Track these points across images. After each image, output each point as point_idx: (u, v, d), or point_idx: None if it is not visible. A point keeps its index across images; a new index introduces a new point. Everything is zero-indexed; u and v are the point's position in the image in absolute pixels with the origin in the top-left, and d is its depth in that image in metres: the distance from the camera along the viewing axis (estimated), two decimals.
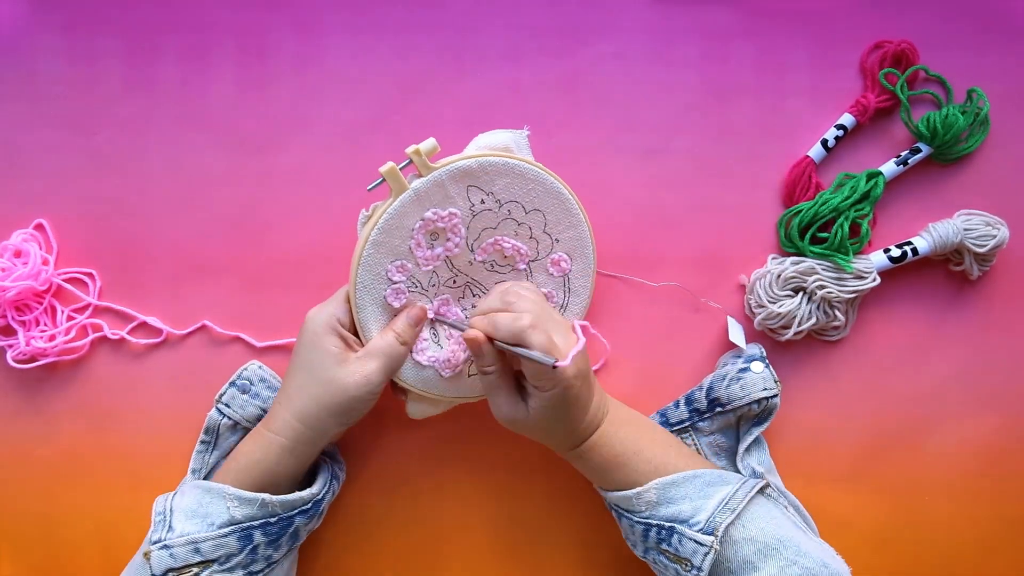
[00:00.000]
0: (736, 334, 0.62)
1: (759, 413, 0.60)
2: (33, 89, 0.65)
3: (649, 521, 0.53)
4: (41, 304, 0.63)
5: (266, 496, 0.52)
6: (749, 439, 0.60)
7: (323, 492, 0.56)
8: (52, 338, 0.63)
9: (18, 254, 0.63)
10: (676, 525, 0.51)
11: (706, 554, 0.50)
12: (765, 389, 0.59)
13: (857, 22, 0.66)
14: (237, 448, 0.56)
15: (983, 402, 0.65)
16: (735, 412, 0.60)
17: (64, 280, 0.64)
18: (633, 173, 0.65)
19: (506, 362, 0.54)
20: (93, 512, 0.63)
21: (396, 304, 0.56)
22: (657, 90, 0.66)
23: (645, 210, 0.65)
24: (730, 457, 0.61)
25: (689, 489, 0.53)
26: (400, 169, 0.54)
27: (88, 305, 0.64)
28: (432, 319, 0.58)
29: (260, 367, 0.62)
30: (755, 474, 0.59)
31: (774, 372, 0.60)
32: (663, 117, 0.66)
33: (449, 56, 0.66)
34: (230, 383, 0.61)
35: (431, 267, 0.57)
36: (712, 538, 0.50)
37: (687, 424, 0.62)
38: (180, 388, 0.64)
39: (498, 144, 0.57)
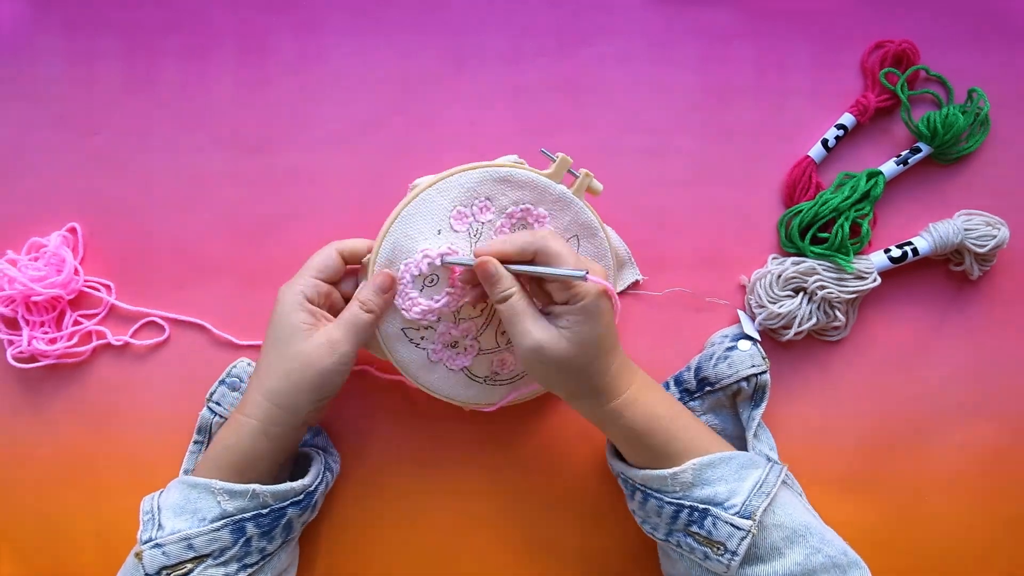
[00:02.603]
0: (749, 326, 0.62)
1: (752, 393, 0.60)
2: (33, 89, 0.65)
3: (682, 502, 0.52)
4: (56, 308, 0.63)
5: (257, 487, 0.52)
6: (753, 424, 0.59)
7: (316, 483, 0.56)
8: (53, 341, 0.63)
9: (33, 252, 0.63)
10: (711, 507, 0.50)
11: (743, 538, 0.49)
12: (753, 366, 0.59)
13: (858, 22, 0.66)
14: (215, 437, 0.55)
15: (983, 402, 0.65)
16: (725, 391, 0.60)
17: (86, 287, 0.64)
18: (633, 173, 0.65)
19: (525, 287, 0.52)
20: (93, 512, 0.63)
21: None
22: (657, 91, 0.66)
23: (645, 210, 0.65)
24: (724, 439, 0.61)
25: (724, 471, 0.51)
26: (566, 171, 0.57)
27: (95, 314, 0.64)
28: (439, 261, 0.56)
29: (249, 364, 0.62)
30: (770, 460, 0.58)
31: (762, 349, 0.60)
32: (663, 117, 0.66)
33: (450, 57, 0.66)
34: (220, 381, 0.61)
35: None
36: (750, 522, 0.49)
37: None
38: (180, 388, 0.64)
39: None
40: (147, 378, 0.64)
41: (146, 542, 0.50)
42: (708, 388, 0.60)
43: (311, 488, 0.55)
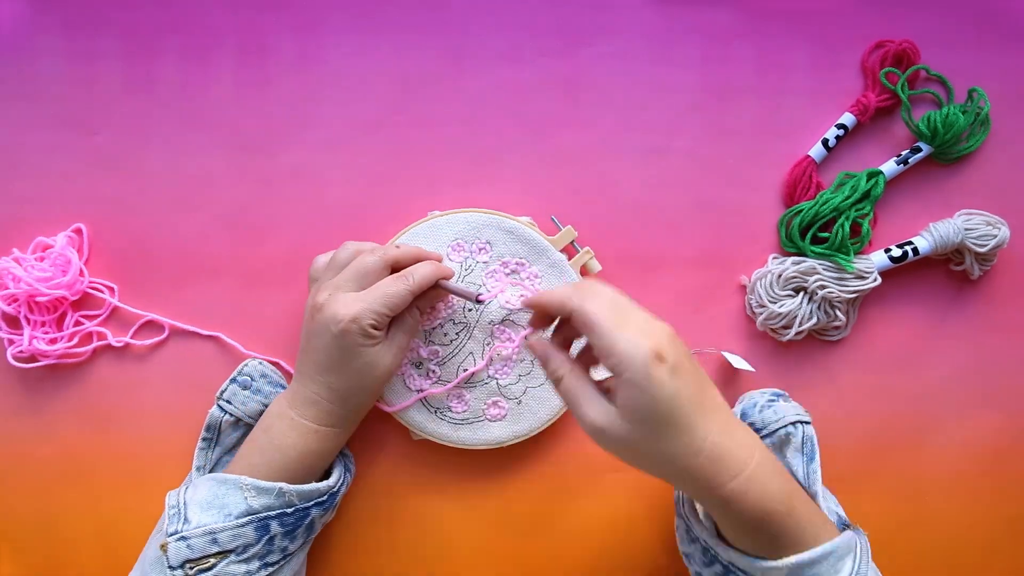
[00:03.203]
0: (739, 362, 0.62)
1: (801, 444, 0.56)
2: (33, 89, 0.65)
3: None
4: (59, 308, 0.63)
5: (284, 485, 0.52)
6: (817, 479, 0.53)
7: (339, 484, 0.57)
8: (54, 341, 0.63)
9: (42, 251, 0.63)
10: None
11: None
12: (798, 414, 0.57)
13: (858, 22, 0.66)
14: (281, 443, 0.54)
15: (984, 402, 0.65)
16: (771, 437, 0.57)
17: (90, 288, 0.64)
18: (633, 173, 0.65)
19: (578, 363, 0.47)
20: (93, 512, 0.63)
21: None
22: (657, 90, 0.66)
23: (645, 210, 0.65)
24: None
25: (822, 568, 0.46)
26: (570, 242, 0.62)
27: (97, 315, 0.64)
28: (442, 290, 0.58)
29: (260, 363, 0.62)
30: (841, 520, 0.53)
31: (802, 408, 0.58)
32: (663, 117, 0.66)
33: (449, 57, 0.66)
34: (231, 379, 0.61)
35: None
36: None
37: None
38: (180, 388, 0.64)
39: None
40: (147, 379, 0.64)
41: (172, 534, 0.50)
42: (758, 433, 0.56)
43: (335, 489, 0.56)
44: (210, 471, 0.59)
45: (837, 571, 0.46)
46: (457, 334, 0.60)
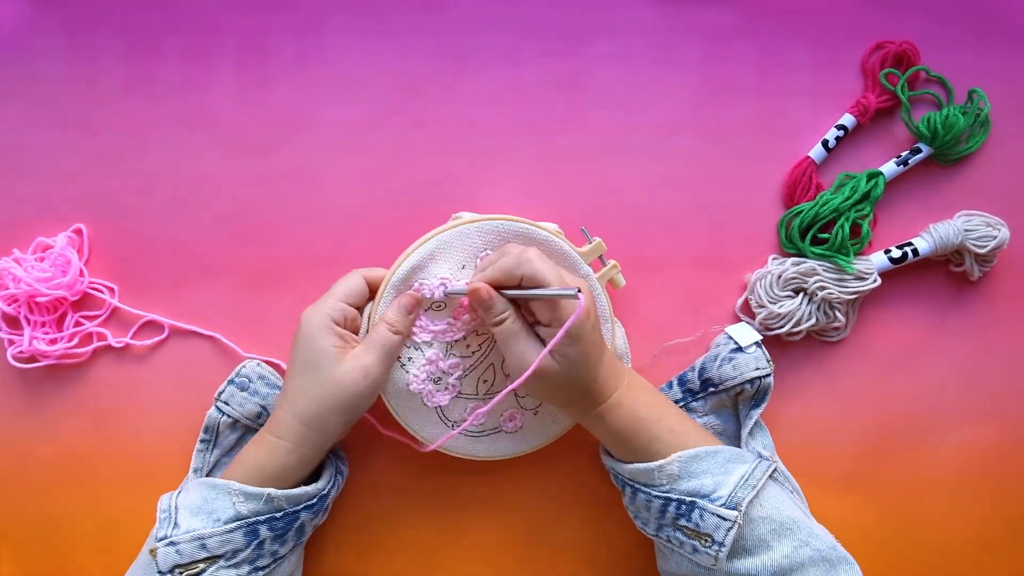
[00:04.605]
0: (748, 332, 0.62)
1: (754, 394, 0.60)
2: (33, 89, 0.65)
3: (669, 495, 0.52)
4: (59, 308, 0.63)
5: (271, 491, 0.52)
6: (750, 423, 0.60)
7: (328, 487, 0.56)
8: (53, 342, 0.63)
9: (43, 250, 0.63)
10: (697, 500, 0.51)
11: (729, 529, 0.49)
12: (757, 369, 0.59)
13: (858, 22, 0.66)
14: (242, 452, 0.56)
15: (983, 403, 0.65)
16: (728, 392, 0.60)
17: (90, 288, 0.64)
18: (633, 173, 0.65)
19: (518, 309, 0.53)
20: (93, 512, 0.63)
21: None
22: (657, 91, 0.66)
23: (645, 210, 0.65)
24: (724, 439, 0.61)
25: (710, 464, 0.52)
26: (598, 256, 0.59)
27: (97, 315, 0.64)
28: (441, 292, 0.56)
29: (259, 364, 0.62)
30: (761, 457, 0.58)
31: (766, 352, 0.60)
32: (663, 118, 0.66)
33: (450, 58, 0.66)
34: (229, 380, 0.61)
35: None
36: (736, 512, 0.49)
37: (680, 404, 0.62)
38: (180, 388, 0.64)
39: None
40: (147, 379, 0.64)
41: (161, 539, 0.50)
42: (712, 389, 0.60)
43: (324, 492, 0.56)
44: (208, 473, 0.60)
45: (728, 472, 0.52)
46: (480, 345, 0.58)
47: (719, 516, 0.50)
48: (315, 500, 0.55)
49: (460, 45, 0.66)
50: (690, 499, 0.51)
